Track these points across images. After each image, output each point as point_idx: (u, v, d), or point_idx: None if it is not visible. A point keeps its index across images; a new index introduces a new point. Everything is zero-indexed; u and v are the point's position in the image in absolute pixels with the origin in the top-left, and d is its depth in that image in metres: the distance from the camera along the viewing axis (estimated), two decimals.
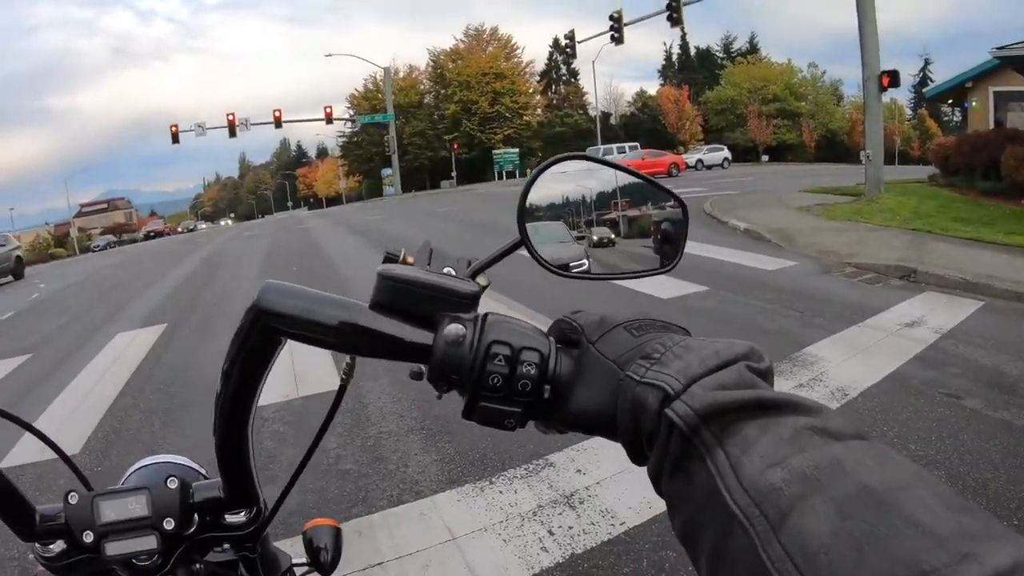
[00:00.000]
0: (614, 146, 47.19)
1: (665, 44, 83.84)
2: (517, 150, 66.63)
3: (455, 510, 3.79)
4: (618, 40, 28.90)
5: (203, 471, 0.89)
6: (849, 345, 6.15)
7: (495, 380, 0.59)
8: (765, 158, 64.88)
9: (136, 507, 0.77)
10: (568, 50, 34.49)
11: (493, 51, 75.10)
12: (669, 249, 0.82)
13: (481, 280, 0.68)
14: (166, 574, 0.79)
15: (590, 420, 0.59)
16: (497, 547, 3.44)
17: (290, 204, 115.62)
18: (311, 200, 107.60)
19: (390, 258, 0.69)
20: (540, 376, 0.60)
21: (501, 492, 3.92)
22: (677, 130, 69.99)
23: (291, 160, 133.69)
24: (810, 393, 4.87)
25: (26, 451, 5.08)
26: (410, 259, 0.69)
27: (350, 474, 4.36)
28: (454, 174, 64.51)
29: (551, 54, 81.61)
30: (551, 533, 3.52)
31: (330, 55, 68.07)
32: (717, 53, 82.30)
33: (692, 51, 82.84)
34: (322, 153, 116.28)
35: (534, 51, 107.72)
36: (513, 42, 76.53)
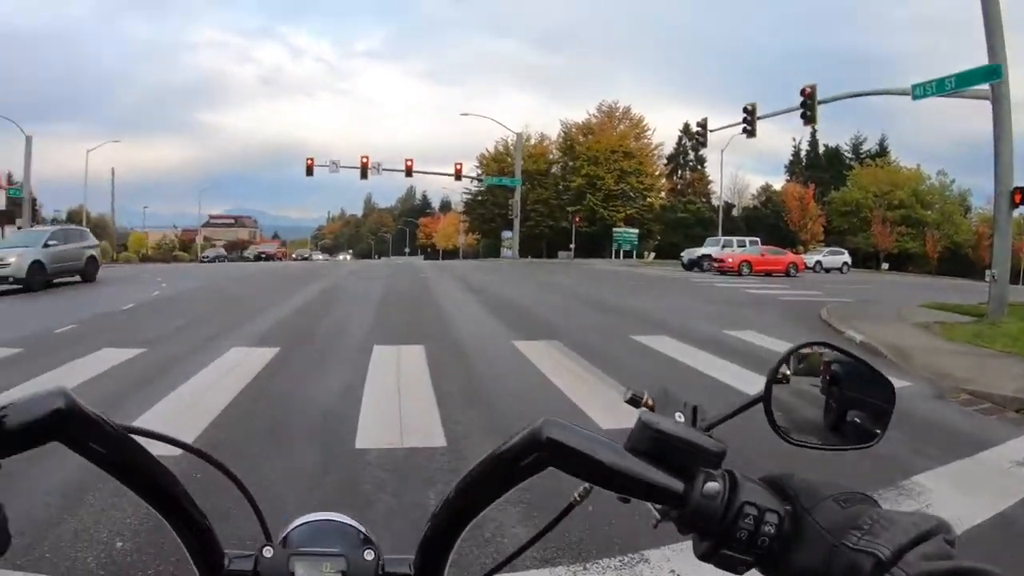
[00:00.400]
0: (734, 238, 46.58)
1: (794, 140, 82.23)
2: (637, 231, 66.52)
3: None
4: (750, 133, 28.63)
5: (372, 537, 0.87)
6: (957, 479, 5.86)
7: (741, 535, 0.67)
8: (885, 266, 62.99)
9: (330, 571, 0.79)
10: (699, 137, 34.34)
11: (624, 129, 75.47)
12: (836, 391, 0.86)
13: (716, 437, 0.73)
14: None
15: (806, 574, 0.66)
16: None
17: (407, 250, 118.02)
18: (428, 249, 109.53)
19: (635, 398, 0.78)
20: (777, 535, 0.67)
21: None
22: (799, 228, 68.48)
23: (415, 208, 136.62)
24: None
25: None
26: (651, 401, 0.78)
27: None
28: (572, 246, 64.69)
29: (680, 139, 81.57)
30: None
31: (466, 114, 69.91)
32: (846, 153, 79.92)
33: (821, 149, 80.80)
34: (445, 206, 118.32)
35: (664, 134, 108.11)
36: (644, 123, 76.92)
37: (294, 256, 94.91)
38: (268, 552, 0.80)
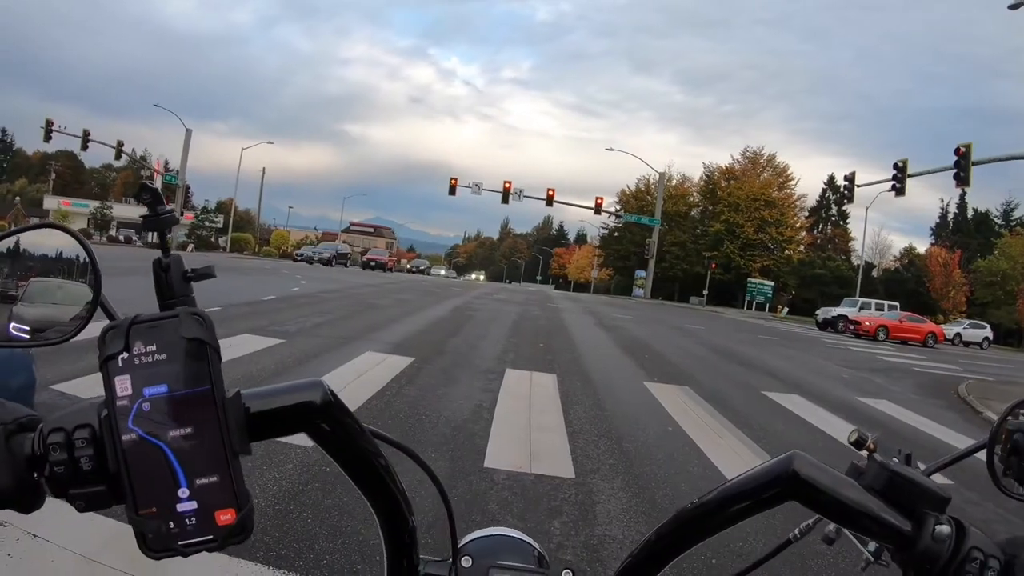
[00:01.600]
0: (873, 301, 44.97)
1: (942, 201, 79.10)
2: (772, 283, 64.86)
3: None
4: (899, 191, 27.62)
5: (545, 555, 0.90)
6: None
7: None
8: None
9: None
10: (845, 191, 33.18)
11: (767, 178, 74.06)
12: (1014, 461, 0.84)
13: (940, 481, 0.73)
14: None
15: None
16: None
17: (539, 278, 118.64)
18: (560, 279, 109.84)
19: (861, 439, 0.77)
20: None
21: None
22: (940, 297, 65.33)
23: (551, 237, 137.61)
24: None
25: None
26: (872, 444, 0.76)
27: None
28: (705, 292, 63.70)
29: (824, 191, 79.66)
30: None
31: (611, 149, 69.83)
32: (995, 219, 76.00)
33: (969, 213, 77.25)
34: (581, 238, 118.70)
35: (808, 185, 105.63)
36: (788, 172, 75.29)
37: (408, 267, 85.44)
38: (467, 562, 0.82)
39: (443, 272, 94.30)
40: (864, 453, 0.75)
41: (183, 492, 0.59)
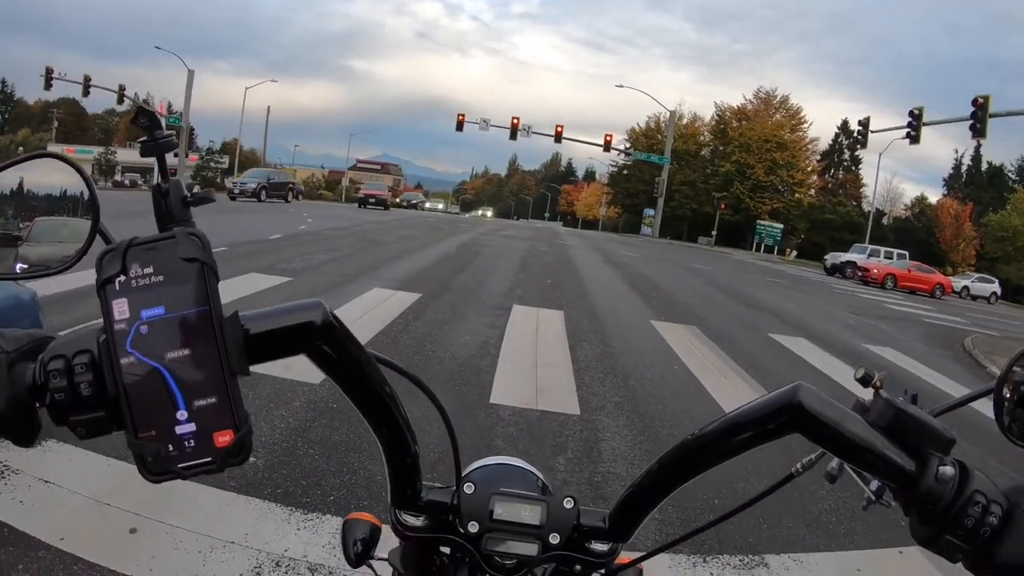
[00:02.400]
0: (882, 249, 44.70)
1: (957, 152, 77.84)
2: (781, 226, 64.39)
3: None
4: (914, 139, 27.29)
5: (549, 484, 0.90)
6: None
7: (968, 522, 0.66)
8: None
9: (530, 515, 0.81)
10: (859, 136, 32.81)
11: (780, 119, 72.91)
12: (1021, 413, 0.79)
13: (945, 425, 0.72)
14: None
15: (1017, 570, 0.66)
16: None
17: (547, 215, 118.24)
18: (568, 217, 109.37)
19: (868, 376, 0.76)
20: (1002, 528, 0.67)
21: (711, 574, 3.74)
22: (950, 248, 64.77)
23: (559, 174, 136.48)
24: None
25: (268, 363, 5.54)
26: (879, 382, 0.76)
27: None
28: (714, 232, 63.41)
29: (837, 136, 78.39)
30: None
31: (621, 86, 68.82)
32: (1010, 174, 74.58)
33: (984, 166, 76.17)
34: (590, 176, 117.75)
35: (821, 128, 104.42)
36: (802, 114, 73.91)
37: (400, 201, 74.27)
38: (469, 488, 0.82)
39: (440, 206, 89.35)
40: (870, 390, 0.75)
41: (181, 414, 0.59)
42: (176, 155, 58.94)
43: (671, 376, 7.78)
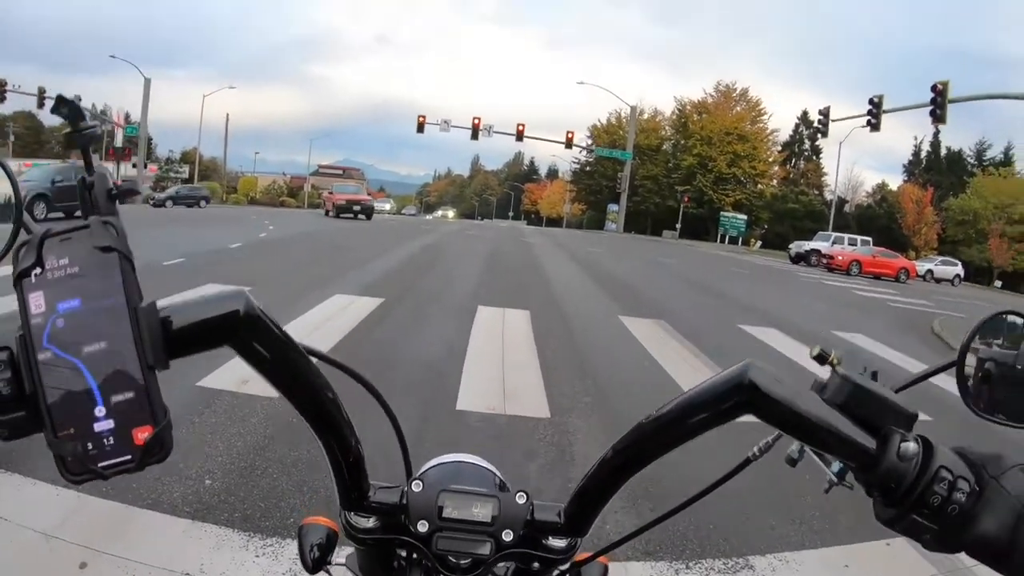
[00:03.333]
0: (846, 236, 45.27)
1: (916, 139, 78.70)
2: (745, 217, 64.96)
3: None
4: (874, 127, 27.53)
5: (507, 482, 0.88)
6: None
7: (934, 500, 0.64)
8: (998, 283, 60.10)
9: (481, 511, 0.79)
10: (819, 126, 33.13)
11: (740, 112, 73.67)
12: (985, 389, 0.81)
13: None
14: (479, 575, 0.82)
15: (988, 546, 0.64)
16: None
17: (511, 214, 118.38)
18: (532, 216, 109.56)
19: (823, 354, 0.72)
20: (970, 504, 0.64)
21: None
22: (912, 233, 65.63)
23: (522, 173, 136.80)
24: None
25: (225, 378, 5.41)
26: (836, 359, 0.72)
27: None
28: (678, 226, 63.75)
29: (797, 126, 79.23)
30: None
31: (582, 83, 69.07)
32: (968, 158, 75.38)
33: (943, 151, 77.31)
34: (552, 174, 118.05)
35: (781, 120, 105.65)
36: (761, 106, 74.74)
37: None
38: (417, 486, 0.80)
39: (387, 207, 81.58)
40: (827, 368, 0.71)
41: (100, 411, 0.56)
42: (135, 166, 58.57)
43: (641, 372, 7.66)
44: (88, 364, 0.56)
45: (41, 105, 52.01)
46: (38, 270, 0.57)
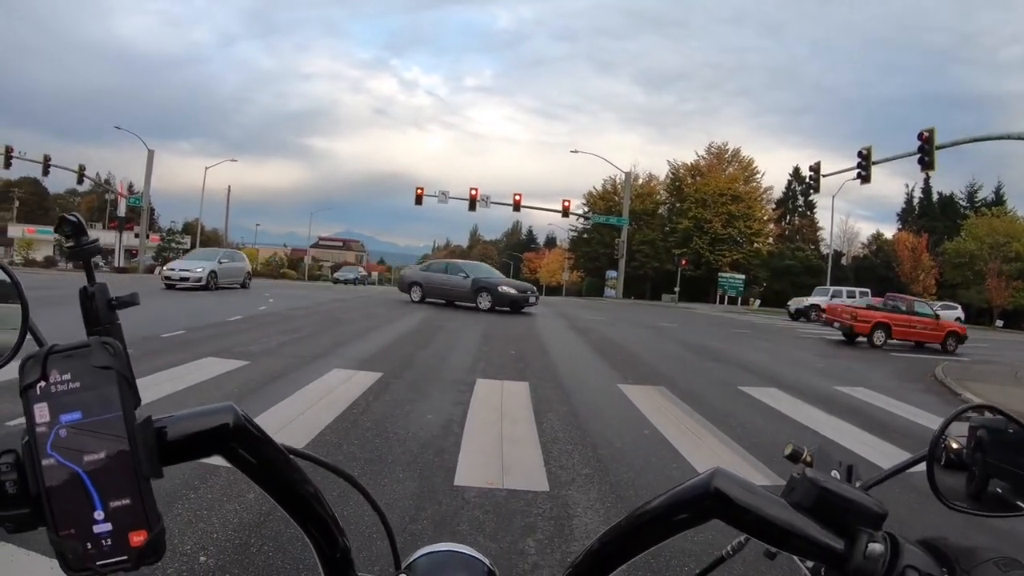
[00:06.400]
0: (844, 289, 45.53)
1: (907, 186, 79.94)
2: (743, 277, 65.07)
3: None
4: (865, 179, 27.74)
5: (496, 571, 0.89)
6: None
7: None
8: (999, 323, 60.09)
9: None
10: (811, 182, 33.42)
11: (733, 172, 74.55)
12: (979, 458, 0.84)
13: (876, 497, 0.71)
14: None
15: None
16: None
17: None
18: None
19: (796, 453, 0.78)
20: None
21: None
22: (910, 280, 65.85)
23: (520, 242, 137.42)
24: None
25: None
26: (809, 457, 0.77)
27: None
28: (677, 289, 63.81)
29: (790, 183, 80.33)
30: None
31: (576, 151, 69.91)
32: (960, 201, 76.94)
33: (935, 196, 78.06)
34: (550, 242, 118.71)
35: (773, 177, 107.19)
36: (754, 166, 75.87)
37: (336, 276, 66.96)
38: None
39: (351, 276, 75.68)
40: (801, 466, 0.73)
41: (99, 514, 0.60)
42: (137, 236, 58.98)
43: (642, 441, 7.59)
44: (88, 472, 0.60)
45: (46, 172, 53.04)
46: (42, 383, 0.61)
